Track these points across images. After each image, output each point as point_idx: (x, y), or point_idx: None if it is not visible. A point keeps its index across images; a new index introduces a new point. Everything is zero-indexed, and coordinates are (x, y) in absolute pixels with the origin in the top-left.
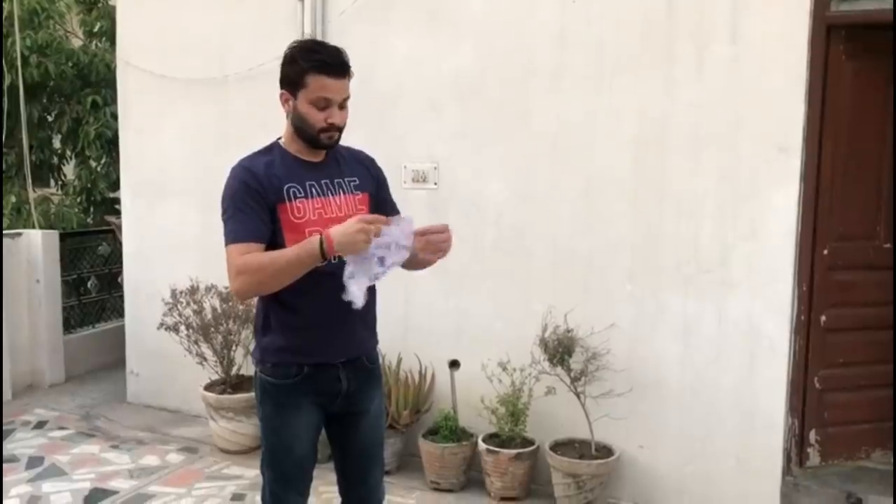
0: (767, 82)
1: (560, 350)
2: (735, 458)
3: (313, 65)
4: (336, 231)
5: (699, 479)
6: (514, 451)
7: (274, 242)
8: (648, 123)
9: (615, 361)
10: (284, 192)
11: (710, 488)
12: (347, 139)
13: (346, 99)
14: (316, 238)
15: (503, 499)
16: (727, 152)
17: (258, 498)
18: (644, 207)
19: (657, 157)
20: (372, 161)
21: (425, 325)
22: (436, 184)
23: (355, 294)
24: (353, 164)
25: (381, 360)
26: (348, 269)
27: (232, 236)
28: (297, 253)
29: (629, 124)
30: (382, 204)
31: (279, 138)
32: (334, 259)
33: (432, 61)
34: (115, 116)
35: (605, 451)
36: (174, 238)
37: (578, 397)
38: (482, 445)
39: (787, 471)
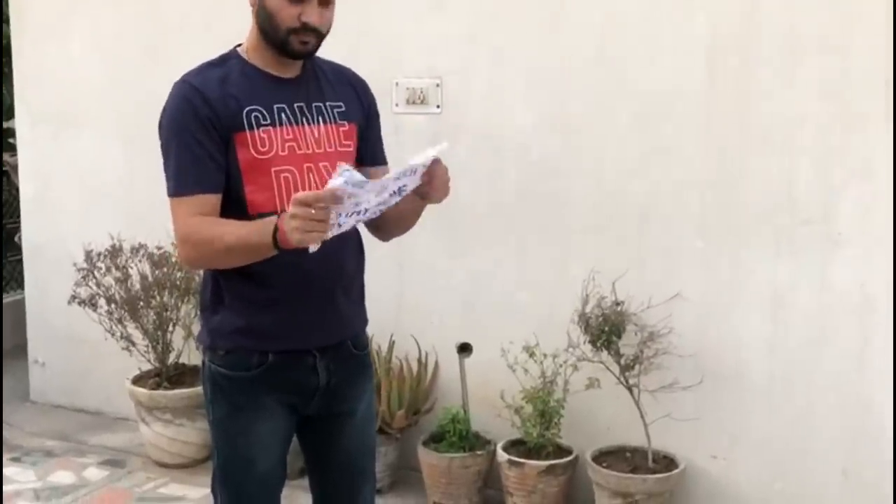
0: None
1: (606, 329)
2: (841, 471)
3: None
4: (284, 220)
5: (792, 498)
6: (544, 464)
7: (228, 189)
8: (728, 22)
9: (680, 344)
10: (244, 117)
11: None
12: (321, 48)
13: None
14: (272, 223)
15: None
16: (833, 63)
17: None
18: (720, 137)
19: (739, 69)
20: (364, 85)
21: (425, 297)
22: (438, 107)
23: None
24: (338, 86)
25: (370, 346)
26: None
27: (174, 186)
28: (248, 234)
29: (702, 24)
30: (366, 145)
31: (238, 45)
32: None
33: None
34: (5, 19)
35: (665, 462)
36: (89, 182)
37: (630, 392)
38: (502, 455)
39: None
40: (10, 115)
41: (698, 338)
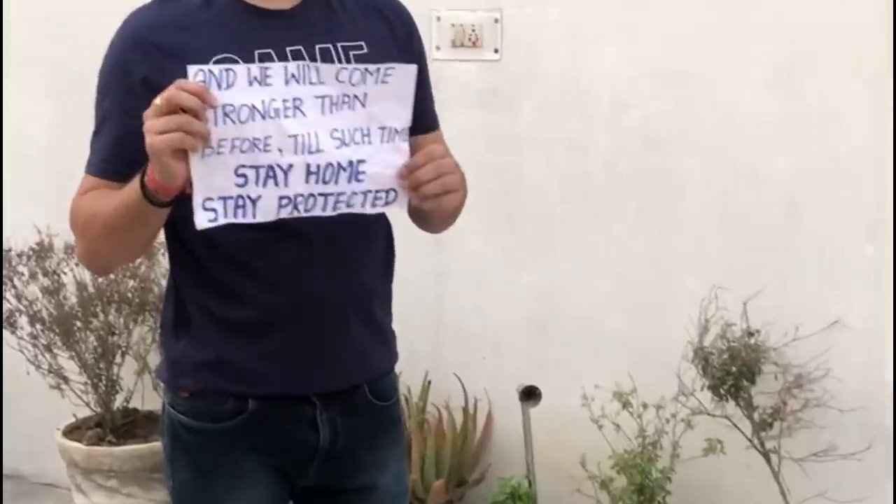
0: None
1: (734, 371)
2: None
3: None
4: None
5: None
6: None
7: None
8: None
9: (841, 393)
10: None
11: None
12: None
13: None
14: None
15: None
16: None
17: None
18: None
19: None
20: (403, 13)
21: (475, 320)
22: (497, 51)
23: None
24: (360, 16)
25: (399, 392)
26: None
27: (88, 159)
28: (123, 193)
29: None
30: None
31: None
32: (165, 196)
33: None
34: None
35: None
36: (4, 150)
37: (768, 460)
38: None
39: None
40: None
41: (867, 384)
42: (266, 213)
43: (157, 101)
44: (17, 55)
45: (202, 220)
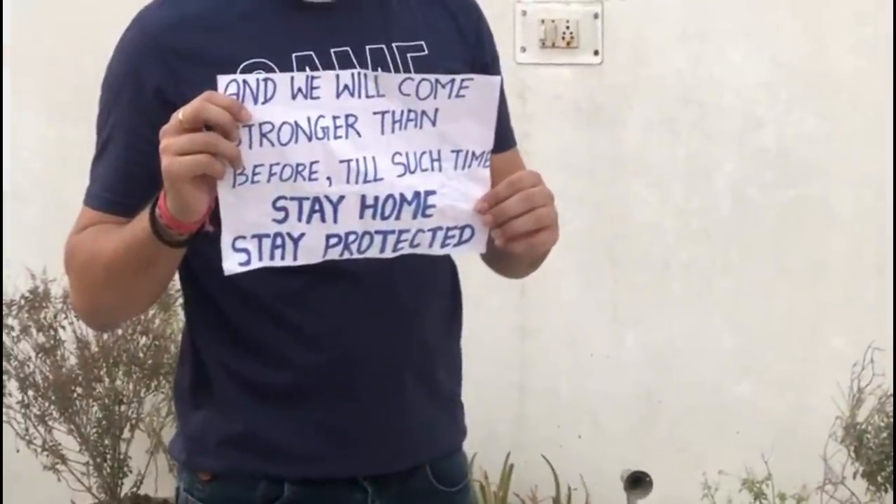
0: None
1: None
2: None
3: None
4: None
5: None
6: None
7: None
8: None
9: None
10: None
11: None
12: None
13: None
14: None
15: None
16: None
17: None
18: None
19: None
20: (474, 9)
21: (567, 390)
22: (597, 53)
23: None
24: (420, 11)
25: (469, 475)
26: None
27: (87, 192)
28: (129, 229)
29: None
30: None
31: None
32: (183, 234)
33: None
34: None
35: None
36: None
37: None
38: None
39: None
40: None
41: None
42: (310, 254)
43: (179, 115)
44: (8, 66)
45: (232, 264)
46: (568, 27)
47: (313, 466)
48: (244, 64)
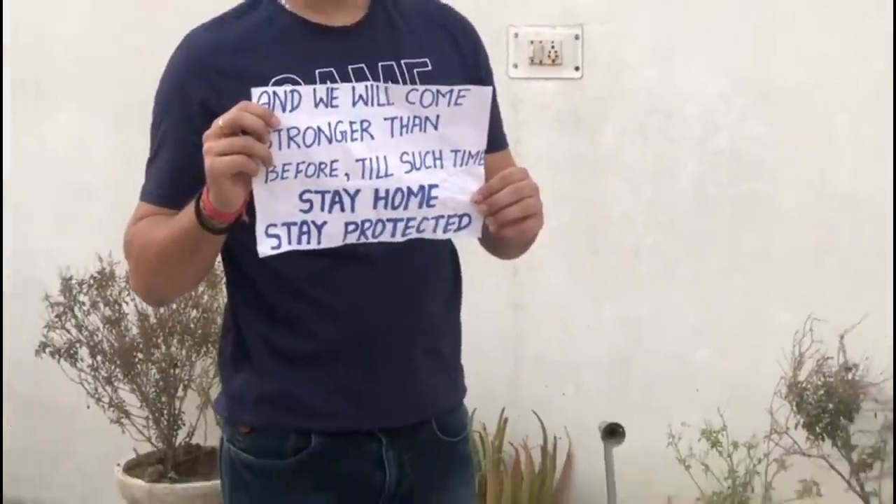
0: None
1: (830, 408)
2: None
3: None
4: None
5: None
6: None
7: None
8: None
9: None
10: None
11: None
12: None
13: None
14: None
15: None
16: None
17: None
18: None
19: None
20: (468, 29)
21: (555, 355)
22: (578, 69)
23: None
24: (424, 31)
25: (468, 428)
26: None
27: (143, 184)
28: (177, 220)
29: None
30: None
31: None
32: (222, 222)
33: None
34: None
35: None
36: (67, 178)
37: (867, 503)
38: None
39: None
40: None
41: None
42: (332, 239)
43: (220, 122)
44: (71, 79)
45: (265, 248)
46: (553, 47)
47: (336, 421)
48: (275, 79)
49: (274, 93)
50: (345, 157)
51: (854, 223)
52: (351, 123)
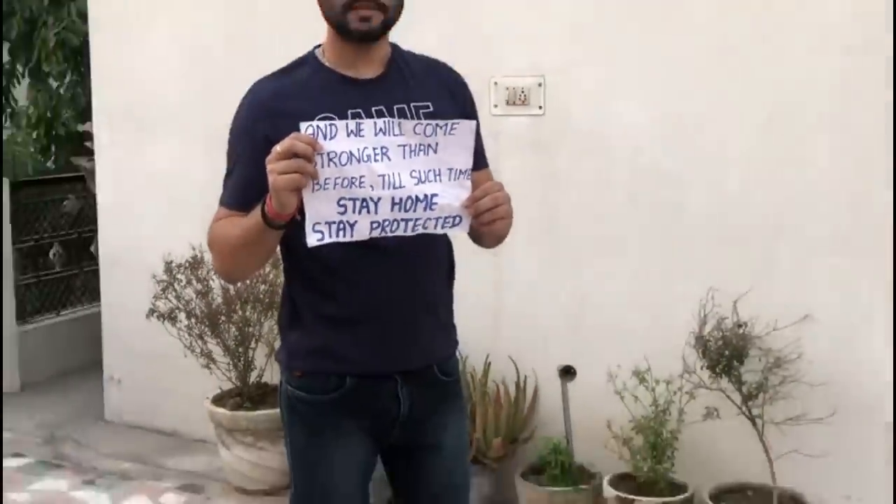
0: None
1: (726, 354)
2: None
3: None
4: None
5: None
6: (656, 500)
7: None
8: (869, 12)
9: (810, 372)
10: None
11: None
12: (408, 41)
13: None
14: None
15: None
16: None
17: None
18: (859, 139)
19: (882, 62)
20: (458, 80)
21: (525, 314)
22: (541, 108)
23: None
24: (426, 82)
25: (461, 369)
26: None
27: (222, 194)
28: (246, 219)
29: (836, 11)
30: None
31: (318, 46)
32: (282, 220)
33: None
34: (82, 15)
35: (792, 503)
36: (169, 189)
37: (754, 423)
38: (609, 491)
39: None
40: (88, 117)
41: (831, 365)
42: (360, 234)
43: (278, 148)
44: (172, 114)
45: (312, 240)
46: (523, 91)
47: (364, 366)
48: (318, 116)
49: (317, 126)
50: (370, 174)
51: (743, 218)
52: (374, 149)
